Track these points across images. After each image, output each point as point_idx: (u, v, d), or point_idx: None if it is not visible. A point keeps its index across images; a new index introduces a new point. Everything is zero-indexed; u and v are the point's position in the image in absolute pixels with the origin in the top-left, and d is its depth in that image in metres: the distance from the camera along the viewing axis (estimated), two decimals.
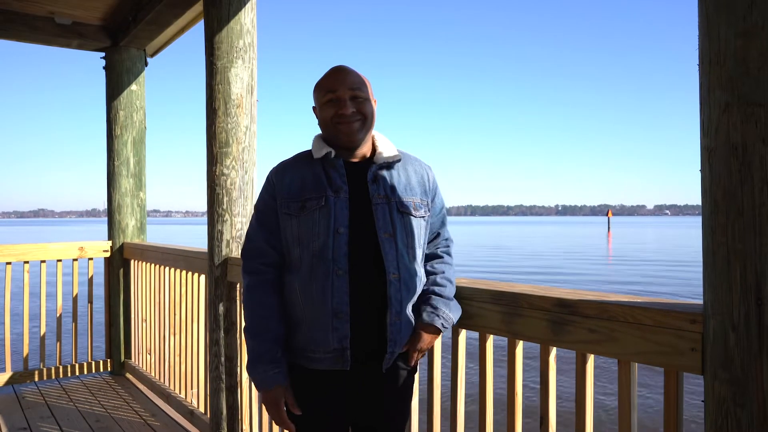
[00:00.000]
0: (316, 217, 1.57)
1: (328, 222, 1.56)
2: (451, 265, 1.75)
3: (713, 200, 1.05)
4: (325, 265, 1.54)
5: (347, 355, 1.54)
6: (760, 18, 0.97)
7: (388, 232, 1.58)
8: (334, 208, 1.56)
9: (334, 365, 1.56)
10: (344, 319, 1.53)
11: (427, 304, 1.63)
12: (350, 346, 1.54)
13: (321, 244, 1.55)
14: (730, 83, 1.01)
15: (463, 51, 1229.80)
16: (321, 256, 1.55)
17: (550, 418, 1.52)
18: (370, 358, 1.59)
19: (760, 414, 1.01)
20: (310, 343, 1.57)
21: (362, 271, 1.56)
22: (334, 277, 1.53)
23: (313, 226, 1.56)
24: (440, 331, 1.64)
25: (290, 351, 1.63)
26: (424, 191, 1.69)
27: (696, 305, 1.21)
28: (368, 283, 1.57)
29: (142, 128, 4.40)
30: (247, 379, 2.72)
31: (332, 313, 1.53)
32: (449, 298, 1.66)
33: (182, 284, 3.39)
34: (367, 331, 1.57)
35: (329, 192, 1.58)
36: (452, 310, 1.64)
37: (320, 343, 1.56)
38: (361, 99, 1.61)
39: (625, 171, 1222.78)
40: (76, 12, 3.93)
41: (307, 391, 1.61)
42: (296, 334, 1.61)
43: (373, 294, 1.57)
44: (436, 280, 1.68)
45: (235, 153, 2.74)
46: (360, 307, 1.56)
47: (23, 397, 3.85)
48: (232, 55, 2.72)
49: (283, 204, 1.62)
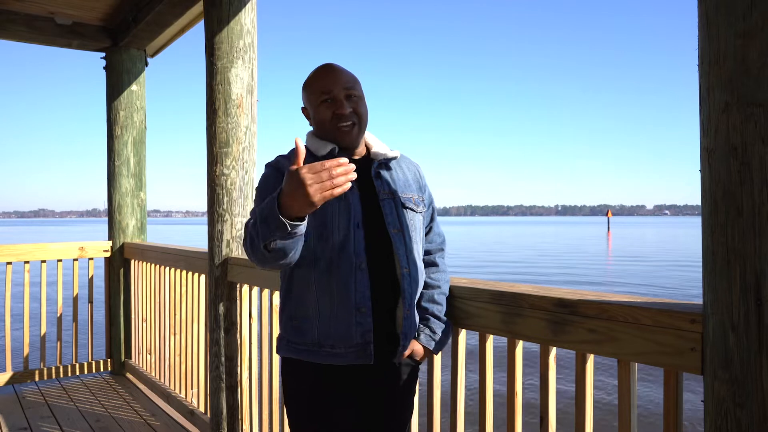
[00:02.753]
0: (336, 210, 1.56)
1: (349, 216, 1.56)
2: (446, 272, 1.76)
3: (713, 200, 1.05)
4: (348, 259, 1.54)
5: (370, 349, 1.55)
6: (760, 18, 0.97)
7: (396, 227, 1.60)
8: (353, 202, 1.57)
9: (357, 360, 1.55)
10: (367, 313, 1.54)
11: (426, 325, 1.66)
12: (373, 340, 1.55)
13: (342, 237, 1.55)
14: (729, 83, 1.01)
15: (462, 50, 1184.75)
16: (342, 249, 1.54)
17: (550, 418, 1.52)
18: (385, 352, 1.60)
19: (760, 414, 1.01)
20: (328, 338, 1.56)
21: (379, 266, 1.58)
22: (357, 271, 1.54)
23: (332, 218, 1.55)
24: (433, 353, 1.69)
25: (295, 348, 1.61)
26: (419, 187, 1.73)
27: (696, 305, 1.21)
28: (385, 277, 1.59)
29: (142, 128, 4.40)
30: (247, 379, 2.72)
31: (355, 307, 1.54)
32: (444, 320, 1.69)
33: (182, 284, 3.39)
34: (384, 325, 1.59)
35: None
36: (446, 332, 1.69)
37: (341, 338, 1.55)
38: (356, 97, 1.61)
39: (625, 171, 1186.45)
40: (76, 12, 3.93)
41: (322, 386, 1.59)
42: (304, 328, 1.59)
43: (386, 288, 1.59)
44: (434, 297, 1.69)
45: (236, 153, 2.75)
46: (379, 302, 1.57)
47: (23, 396, 3.85)
48: (232, 56, 2.72)
49: None
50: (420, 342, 1.64)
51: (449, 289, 1.73)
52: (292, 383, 1.64)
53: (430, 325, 1.66)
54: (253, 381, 2.72)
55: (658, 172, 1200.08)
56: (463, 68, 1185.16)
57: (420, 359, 1.67)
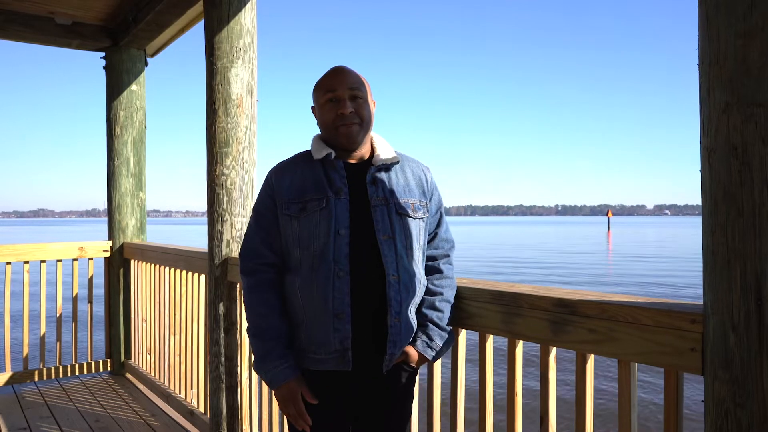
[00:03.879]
0: (317, 219, 1.57)
1: (329, 223, 1.56)
2: (451, 278, 1.73)
3: (713, 200, 1.05)
4: (327, 266, 1.54)
5: (348, 356, 1.54)
6: (760, 18, 0.97)
7: (387, 234, 1.58)
8: (335, 210, 1.56)
9: (336, 366, 1.56)
10: (345, 320, 1.53)
11: (424, 332, 1.64)
12: (351, 347, 1.54)
13: (322, 245, 1.55)
14: (730, 83, 1.01)
15: (462, 50, 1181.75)
16: (322, 257, 1.55)
17: (550, 418, 1.52)
18: (371, 360, 1.59)
19: (760, 414, 1.01)
20: (311, 344, 1.57)
21: (363, 273, 1.56)
22: (335, 278, 1.53)
23: (313, 227, 1.56)
24: (430, 361, 1.68)
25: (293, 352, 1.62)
26: (422, 192, 1.69)
27: (696, 305, 1.21)
28: (368, 284, 1.57)
29: (142, 128, 4.40)
30: (247, 379, 2.72)
31: (333, 313, 1.53)
32: (445, 329, 1.67)
33: (182, 284, 3.39)
34: (367, 332, 1.57)
35: (330, 193, 1.58)
36: (446, 342, 1.67)
37: (322, 344, 1.55)
38: (361, 99, 1.61)
39: (625, 171, 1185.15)
40: (76, 12, 3.93)
41: (314, 392, 1.59)
42: (297, 335, 1.61)
43: (373, 295, 1.57)
44: (435, 303, 1.67)
45: (235, 153, 2.75)
46: (361, 309, 1.56)
47: (23, 397, 3.85)
48: (232, 55, 2.72)
49: (284, 206, 1.61)
50: (416, 348, 1.62)
51: None
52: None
53: (427, 332, 1.64)
54: (252, 381, 2.73)
55: (659, 172, 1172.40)
56: (462, 68, 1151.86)
57: (416, 366, 1.65)
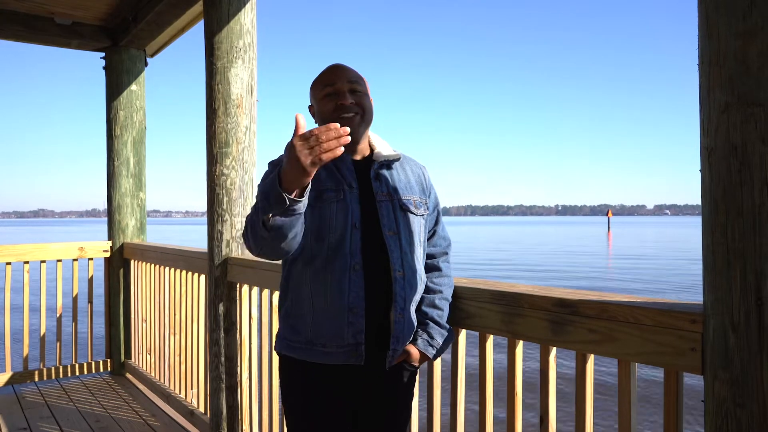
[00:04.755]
0: (334, 210, 1.56)
1: (346, 216, 1.55)
2: (449, 277, 1.74)
3: (713, 200, 1.05)
4: (343, 259, 1.54)
5: (362, 350, 1.54)
6: (760, 18, 0.97)
7: (392, 230, 1.59)
8: (351, 203, 1.57)
9: (348, 360, 1.55)
10: (359, 314, 1.54)
11: (425, 330, 1.64)
12: (364, 341, 1.55)
13: (338, 237, 1.55)
14: (729, 83, 1.01)
15: (462, 50, 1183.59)
16: (338, 249, 1.54)
17: (550, 418, 1.52)
18: (374, 355, 1.59)
19: (760, 414, 1.01)
20: (319, 336, 1.56)
21: (373, 267, 1.57)
22: (351, 272, 1.54)
23: (330, 218, 1.55)
24: (431, 360, 1.67)
25: (290, 345, 1.61)
26: (422, 190, 1.71)
27: (696, 305, 1.21)
28: (378, 279, 1.58)
29: (142, 128, 4.40)
30: (247, 379, 2.72)
31: (348, 307, 1.53)
32: (445, 327, 1.67)
33: (182, 284, 3.39)
34: (376, 327, 1.58)
35: (345, 186, 1.58)
36: (446, 339, 1.67)
37: (334, 338, 1.55)
38: (360, 93, 1.62)
39: (625, 171, 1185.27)
40: (76, 12, 3.92)
41: (314, 385, 1.59)
42: (299, 327, 1.59)
43: (380, 290, 1.58)
44: (435, 301, 1.67)
45: (235, 153, 2.75)
46: (372, 303, 1.56)
47: (23, 397, 3.85)
48: (232, 55, 2.72)
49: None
50: (417, 347, 1.62)
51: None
52: (288, 380, 1.65)
53: (428, 330, 1.64)
54: (252, 381, 2.72)
55: (659, 172, 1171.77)
56: (462, 68, 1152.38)
57: (417, 364, 1.65)
